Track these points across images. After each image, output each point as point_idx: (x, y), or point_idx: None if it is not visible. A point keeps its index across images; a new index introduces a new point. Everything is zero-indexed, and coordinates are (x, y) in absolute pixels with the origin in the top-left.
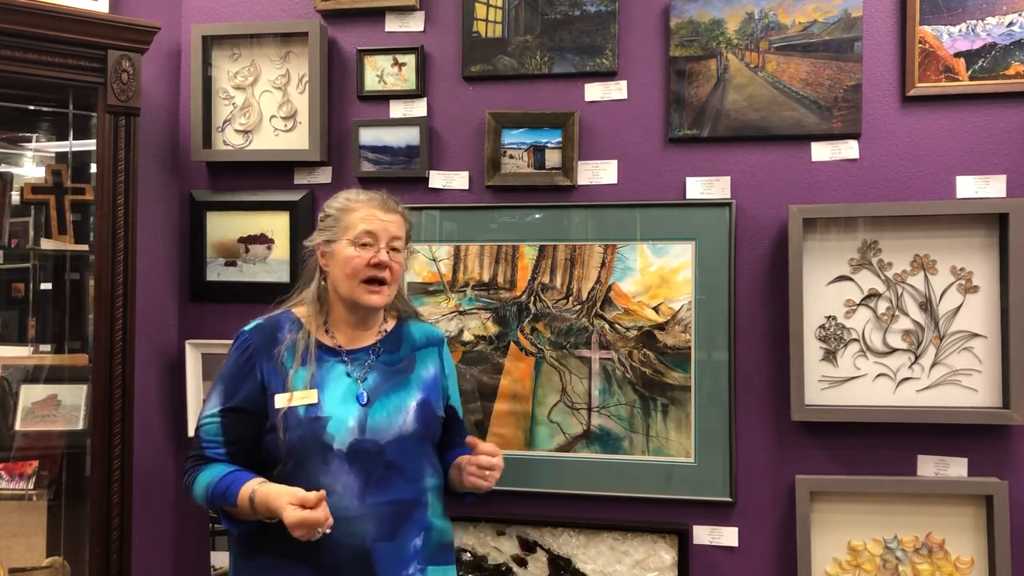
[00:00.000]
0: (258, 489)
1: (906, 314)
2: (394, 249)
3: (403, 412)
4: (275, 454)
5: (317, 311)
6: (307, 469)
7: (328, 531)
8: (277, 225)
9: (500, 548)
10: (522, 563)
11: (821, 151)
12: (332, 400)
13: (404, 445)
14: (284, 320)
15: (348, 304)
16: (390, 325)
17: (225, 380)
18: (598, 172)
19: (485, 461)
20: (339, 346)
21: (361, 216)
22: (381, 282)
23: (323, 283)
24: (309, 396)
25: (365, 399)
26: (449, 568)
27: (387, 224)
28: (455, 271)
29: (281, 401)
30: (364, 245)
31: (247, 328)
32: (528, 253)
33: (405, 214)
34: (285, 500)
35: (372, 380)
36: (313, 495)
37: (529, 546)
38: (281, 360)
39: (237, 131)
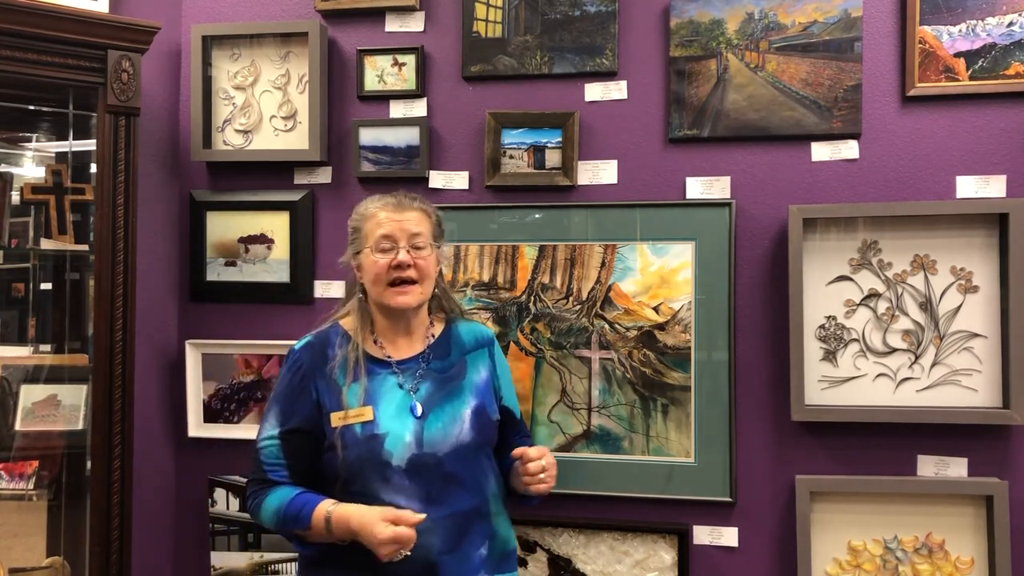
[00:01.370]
0: (334, 511)
1: (906, 314)
2: (416, 247)
3: (458, 421)
4: (334, 472)
5: (363, 323)
6: (367, 486)
7: (409, 552)
8: (277, 225)
9: None
10: (522, 563)
11: (821, 151)
12: (387, 415)
13: (462, 455)
14: (333, 335)
15: (384, 311)
16: (438, 329)
17: (280, 401)
18: (598, 172)
19: (533, 467)
20: (388, 357)
21: (377, 221)
22: (407, 282)
23: (361, 296)
24: (364, 413)
25: (419, 411)
26: None
27: (403, 223)
28: (455, 271)
29: (336, 419)
30: (384, 250)
31: (297, 347)
32: (528, 253)
33: (426, 208)
34: (375, 516)
35: (425, 390)
36: (409, 514)
37: (529, 546)
38: (334, 377)
39: (237, 131)
